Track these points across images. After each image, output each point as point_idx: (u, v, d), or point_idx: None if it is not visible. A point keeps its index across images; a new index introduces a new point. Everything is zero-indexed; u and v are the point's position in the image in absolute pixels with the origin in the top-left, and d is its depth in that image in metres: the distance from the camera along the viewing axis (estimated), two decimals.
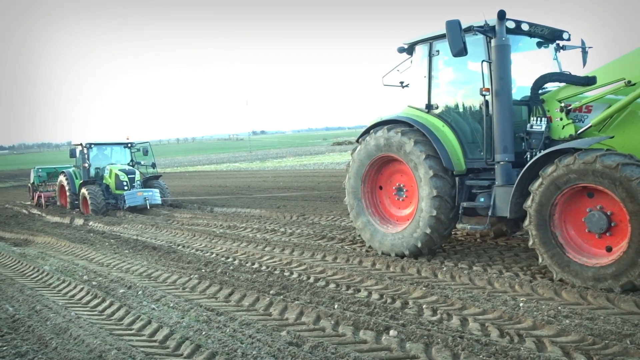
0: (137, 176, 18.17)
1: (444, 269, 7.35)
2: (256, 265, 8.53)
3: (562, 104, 7.07)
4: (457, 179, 7.76)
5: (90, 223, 15.23)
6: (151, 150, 19.55)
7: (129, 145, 19.79)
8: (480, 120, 7.60)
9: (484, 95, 7.32)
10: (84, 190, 17.67)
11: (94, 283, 7.90)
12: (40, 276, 8.82)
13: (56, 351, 5.15)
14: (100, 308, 6.71)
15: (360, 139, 8.96)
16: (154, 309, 6.42)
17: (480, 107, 7.55)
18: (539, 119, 7.19)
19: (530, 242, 6.54)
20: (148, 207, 17.36)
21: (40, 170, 21.78)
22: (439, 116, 8.12)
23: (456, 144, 7.83)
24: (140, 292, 7.20)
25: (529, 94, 7.46)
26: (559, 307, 5.58)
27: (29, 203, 22.17)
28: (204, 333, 5.35)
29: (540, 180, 6.32)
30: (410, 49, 8.65)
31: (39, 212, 18.97)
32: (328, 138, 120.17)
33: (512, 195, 6.78)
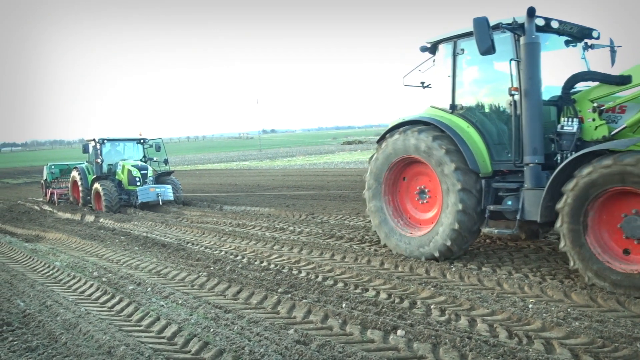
0: (150, 172, 18.12)
1: (453, 269, 7.32)
2: (265, 264, 8.55)
3: (595, 104, 6.81)
4: (483, 181, 7.47)
5: (101, 220, 15.33)
6: (164, 146, 19.51)
7: (142, 141, 19.70)
8: (507, 121, 7.37)
9: (513, 95, 7.07)
10: (97, 185, 17.54)
11: (103, 279, 7.96)
12: (50, 272, 8.91)
13: (66, 346, 5.20)
14: (109, 304, 6.76)
15: (380, 141, 8.67)
16: (162, 305, 6.45)
17: (508, 108, 7.33)
18: (570, 119, 6.91)
19: (562, 245, 6.28)
20: (160, 204, 17.31)
21: (53, 167, 21.85)
22: (463, 117, 7.87)
23: (482, 145, 7.57)
24: (149, 289, 7.24)
25: (556, 93, 7.25)
26: (569, 309, 5.54)
27: (41, 199, 22.36)
28: (212, 330, 5.38)
29: (575, 181, 6.06)
30: (433, 48, 8.41)
31: (51, 209, 19.12)
32: (338, 137, 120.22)
33: (543, 198, 6.50)
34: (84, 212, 16.94)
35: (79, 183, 18.79)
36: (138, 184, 17.60)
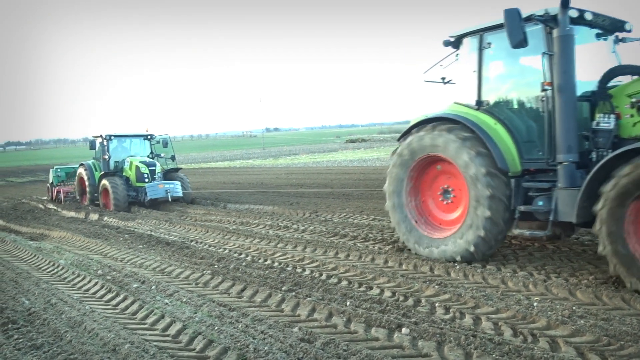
0: (158, 168, 17.80)
1: (457, 267, 7.30)
2: (269, 262, 8.55)
3: (633, 100, 6.48)
4: (512, 181, 7.15)
5: (105, 218, 15.36)
6: (171, 142, 19.20)
7: (149, 137, 19.38)
8: (538, 117, 7.03)
9: (546, 90, 6.75)
10: (105, 182, 17.21)
11: (108, 277, 7.98)
12: (55, 270, 8.93)
13: (71, 344, 5.21)
14: (114, 302, 6.77)
15: (404, 136, 8.34)
16: (167, 303, 6.46)
17: (539, 104, 6.99)
18: (606, 115, 6.58)
19: (600, 248, 5.97)
20: (170, 200, 17.01)
21: (59, 170, 21.56)
22: (490, 113, 7.54)
23: (510, 143, 7.24)
24: (153, 287, 7.25)
25: (587, 89, 6.98)
26: (574, 307, 5.52)
27: (45, 198, 22.41)
28: (216, 328, 5.38)
29: (614, 181, 5.76)
30: (457, 42, 8.06)
31: (55, 207, 19.16)
32: (341, 136, 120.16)
33: (579, 198, 6.22)
34: (88, 211, 16.96)
35: (86, 180, 18.50)
36: (146, 180, 17.27)
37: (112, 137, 18.54)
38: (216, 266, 8.29)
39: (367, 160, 39.77)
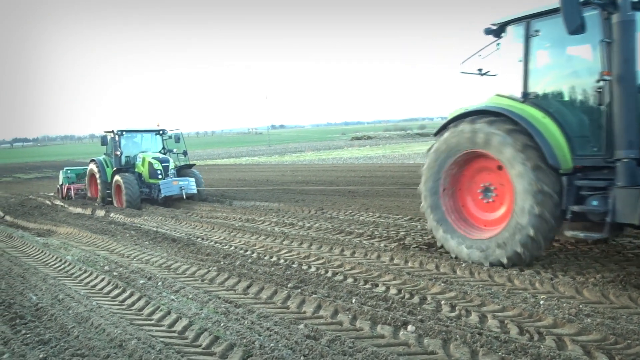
0: (171, 164, 17.38)
1: (463, 265, 7.29)
2: (274, 259, 8.57)
3: None
4: (563, 179, 6.62)
5: (111, 215, 15.42)
6: (183, 138, 18.70)
7: (161, 132, 18.87)
8: (593, 110, 6.50)
9: (603, 81, 6.24)
10: (117, 178, 16.74)
11: (114, 273, 8.02)
12: (62, 266, 8.98)
13: (78, 339, 5.24)
14: (120, 298, 6.81)
15: (441, 131, 7.81)
16: (173, 300, 6.49)
17: (594, 95, 6.45)
18: None
19: None
20: (184, 197, 16.61)
21: (69, 171, 21.06)
22: (537, 106, 7.00)
23: (560, 138, 6.69)
24: (160, 283, 7.28)
25: None
26: (580, 306, 5.51)
27: (52, 194, 22.49)
28: (222, 325, 5.40)
29: None
30: (499, 31, 7.52)
31: (62, 204, 19.25)
32: (347, 133, 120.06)
33: None
34: (95, 207, 17.03)
35: (97, 177, 18.07)
36: (160, 177, 16.89)
37: (124, 133, 18.12)
38: (222, 263, 8.32)
39: (372, 157, 39.72)
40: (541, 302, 5.71)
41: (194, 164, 19.03)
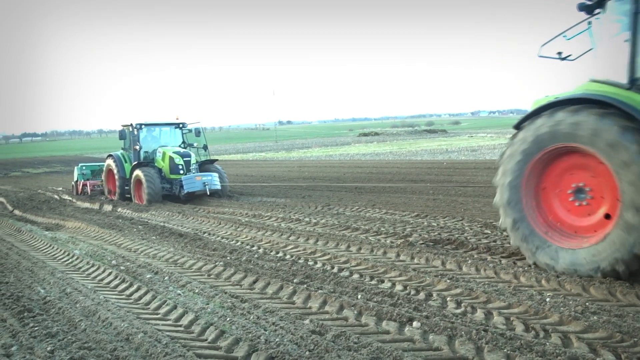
0: (193, 159, 16.65)
1: (469, 261, 7.27)
2: (280, 254, 8.59)
3: None
4: None
5: (119, 209, 15.50)
6: (203, 131, 17.97)
7: (180, 125, 17.99)
8: None
9: None
10: (138, 172, 15.92)
11: (122, 268, 8.07)
12: (70, 260, 9.05)
13: (85, 333, 5.28)
14: (127, 292, 6.85)
15: (523, 124, 6.85)
16: (179, 294, 6.53)
17: None
18: None
19: None
20: (208, 194, 15.93)
21: (84, 167, 20.45)
22: None
23: None
24: (166, 278, 7.32)
25: None
26: (587, 303, 5.48)
27: (61, 189, 22.62)
28: (228, 319, 5.42)
29: None
30: (594, 7, 6.58)
31: (70, 198, 19.36)
32: (354, 129, 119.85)
33: None
34: (102, 202, 17.12)
35: (115, 172, 17.34)
36: (181, 172, 16.17)
37: (143, 126, 17.35)
38: (228, 258, 8.35)
39: (379, 154, 39.67)
40: (547, 299, 5.68)
41: (216, 159, 18.35)
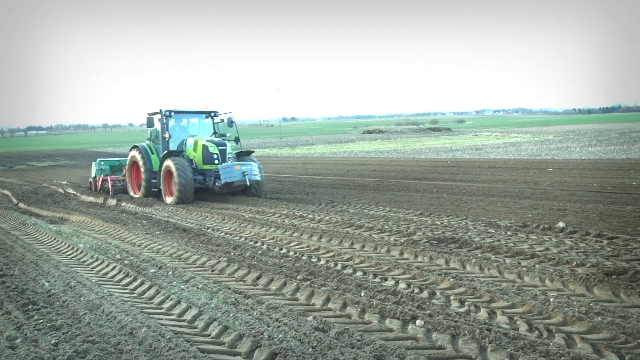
0: (229, 149, 15.19)
1: (473, 260, 7.27)
2: (284, 251, 8.60)
3: None
4: None
5: (123, 204, 15.53)
6: (235, 122, 16.61)
7: (212, 114, 16.60)
8: None
9: None
10: (168, 163, 14.42)
11: (126, 262, 8.09)
12: (74, 254, 9.08)
13: (89, 326, 5.30)
14: (131, 286, 6.87)
15: None
16: (183, 289, 6.54)
17: None
18: None
19: None
20: (247, 184, 14.48)
21: (102, 162, 19.04)
22: None
23: None
24: (170, 273, 7.34)
25: None
26: (591, 304, 5.47)
27: (65, 182, 22.66)
28: (231, 315, 5.44)
29: None
30: None
31: (74, 192, 19.40)
32: (358, 126, 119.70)
33: None
34: (107, 196, 17.15)
35: (141, 164, 15.82)
36: (216, 162, 14.75)
37: (172, 114, 15.83)
38: (232, 254, 8.36)
39: (384, 151, 39.62)
40: (551, 299, 5.68)
41: (253, 151, 16.87)
